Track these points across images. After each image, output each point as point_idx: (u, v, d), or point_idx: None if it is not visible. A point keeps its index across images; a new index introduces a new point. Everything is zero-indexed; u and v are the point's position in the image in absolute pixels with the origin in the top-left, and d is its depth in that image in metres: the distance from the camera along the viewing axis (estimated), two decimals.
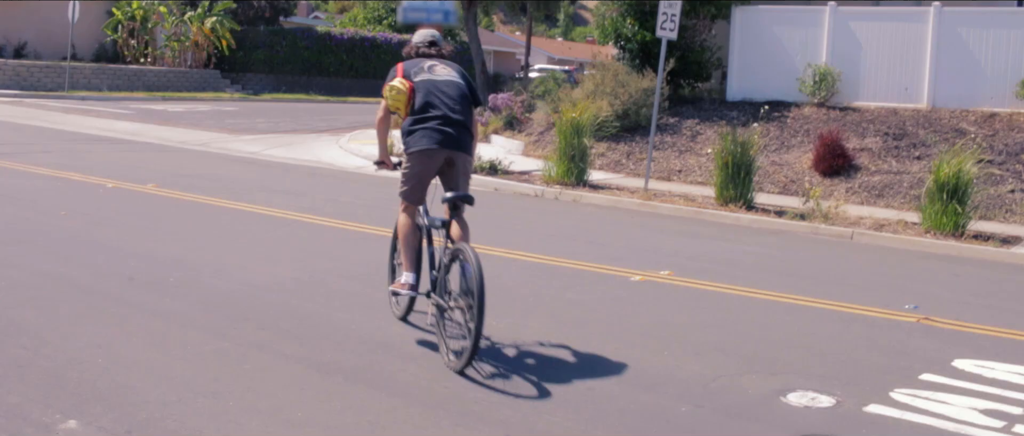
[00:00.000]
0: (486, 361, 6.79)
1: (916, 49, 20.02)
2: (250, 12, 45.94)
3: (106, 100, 34.20)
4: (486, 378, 6.43)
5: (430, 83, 7.24)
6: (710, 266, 11.18)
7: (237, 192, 14.61)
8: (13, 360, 6.27)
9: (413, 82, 7.24)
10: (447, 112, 7.14)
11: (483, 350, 7.02)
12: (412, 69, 7.35)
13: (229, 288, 8.60)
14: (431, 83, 7.24)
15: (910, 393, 6.67)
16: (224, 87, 42.83)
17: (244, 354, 6.69)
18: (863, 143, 18.41)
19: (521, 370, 6.67)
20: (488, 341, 7.27)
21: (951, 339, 8.39)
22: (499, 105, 24.48)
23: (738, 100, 21.68)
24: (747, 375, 6.92)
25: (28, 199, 12.87)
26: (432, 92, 7.19)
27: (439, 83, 7.25)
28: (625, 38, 22.26)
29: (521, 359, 6.94)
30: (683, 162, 19.16)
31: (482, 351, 6.99)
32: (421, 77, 7.28)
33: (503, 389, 6.23)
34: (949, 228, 13.97)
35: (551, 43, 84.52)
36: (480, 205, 14.41)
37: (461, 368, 6.47)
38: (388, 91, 7.22)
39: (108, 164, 17.07)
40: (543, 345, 7.36)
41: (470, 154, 7.30)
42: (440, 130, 7.11)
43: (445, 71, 7.38)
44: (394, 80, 7.26)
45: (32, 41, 38.94)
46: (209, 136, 23.95)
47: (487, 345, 7.18)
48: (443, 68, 7.41)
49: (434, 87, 7.22)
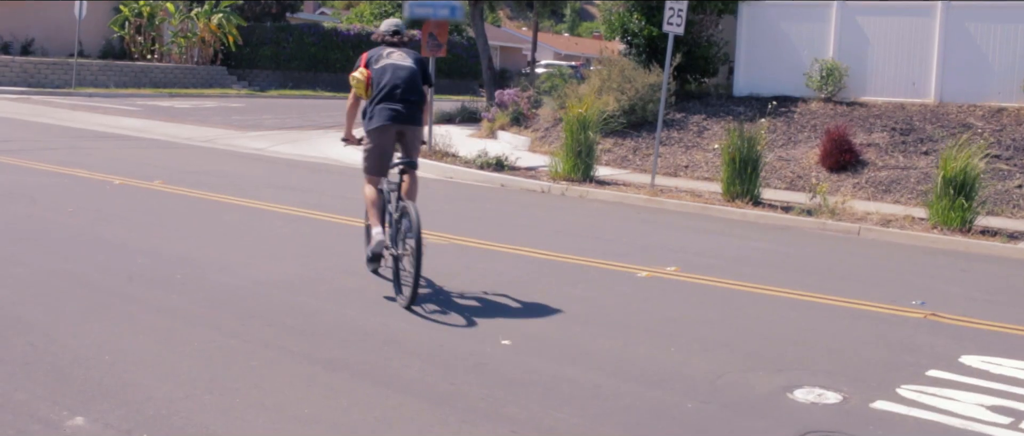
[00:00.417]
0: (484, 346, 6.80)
1: (923, 44, 19.97)
2: (256, 8, 45.98)
3: (113, 97, 34.25)
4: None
5: (386, 68, 8.57)
6: (717, 262, 11.17)
7: (243, 188, 14.62)
8: (20, 357, 6.28)
9: (372, 70, 8.61)
10: (399, 93, 8.46)
11: (492, 352, 7.03)
12: (374, 57, 8.72)
13: (235, 285, 8.61)
14: (387, 68, 8.57)
15: (917, 389, 6.65)
16: (230, 83, 42.86)
17: (251, 351, 6.70)
18: (870, 138, 18.37)
19: (524, 361, 6.68)
20: (491, 334, 7.27)
21: (958, 335, 8.37)
22: (505, 101, 24.48)
23: (745, 95, 21.65)
24: (754, 371, 6.91)
25: (35, 196, 12.89)
26: (387, 77, 8.52)
27: (398, 68, 8.58)
28: (632, 33, 22.23)
29: (525, 353, 6.94)
30: (690, 158, 19.13)
31: (491, 354, 6.99)
32: (380, 64, 8.63)
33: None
34: (956, 223, 13.93)
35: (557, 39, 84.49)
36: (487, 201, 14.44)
37: (408, 304, 7.97)
38: (352, 80, 8.67)
39: (114, 161, 17.09)
40: (544, 342, 7.36)
41: (420, 126, 8.65)
42: (392, 109, 8.44)
43: (401, 57, 8.68)
44: (356, 71, 8.67)
45: (39, 38, 39.00)
46: (215, 132, 23.97)
47: (493, 339, 7.19)
48: (400, 54, 8.71)
49: (390, 72, 8.54)
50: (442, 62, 42.86)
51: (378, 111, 8.46)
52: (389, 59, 8.67)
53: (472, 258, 10.47)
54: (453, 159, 19.04)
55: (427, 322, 7.67)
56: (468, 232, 11.97)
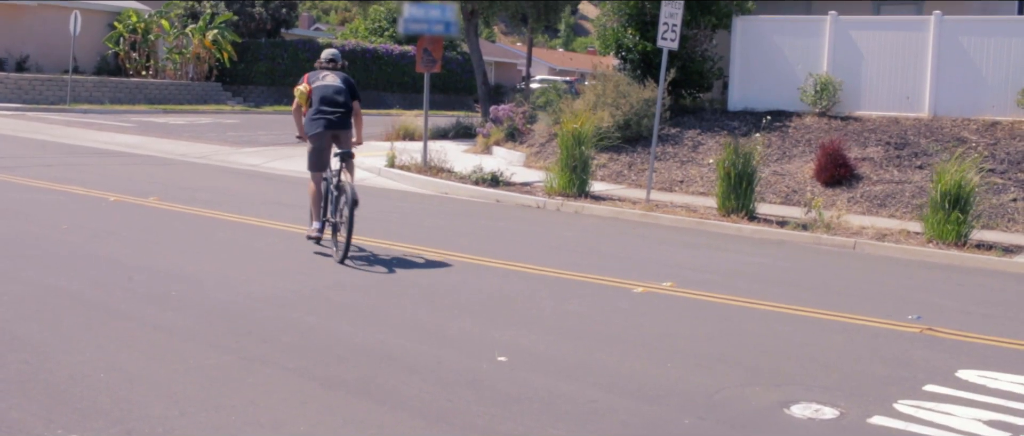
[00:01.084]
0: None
1: (917, 58, 20.00)
2: (251, 24, 45.99)
3: (108, 113, 34.24)
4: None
5: (321, 87, 11.10)
6: (712, 277, 11.17)
7: (238, 205, 14.61)
8: (15, 375, 6.26)
9: (312, 86, 11.08)
10: (331, 107, 11.00)
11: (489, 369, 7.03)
12: (313, 77, 11.26)
13: (231, 301, 8.60)
14: (322, 87, 11.10)
15: (914, 404, 6.65)
16: (225, 99, 42.86)
17: (246, 368, 6.68)
18: (865, 152, 18.40)
19: (521, 377, 6.67)
20: (487, 350, 7.26)
21: (955, 349, 8.37)
22: (500, 117, 24.49)
23: (739, 110, 21.68)
24: (750, 387, 6.90)
25: (30, 213, 12.88)
26: (322, 93, 11.05)
27: (328, 87, 11.10)
28: (626, 48, 22.27)
29: (522, 369, 6.93)
30: (685, 172, 19.15)
31: (487, 370, 6.99)
32: (317, 83, 11.13)
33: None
34: (951, 237, 13.95)
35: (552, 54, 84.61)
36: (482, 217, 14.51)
37: (340, 260, 10.39)
38: (297, 92, 11.15)
39: (110, 177, 17.08)
40: (540, 357, 7.35)
41: (349, 129, 11.16)
42: (326, 118, 10.98)
43: (333, 79, 11.19)
44: (301, 85, 11.17)
45: (34, 54, 38.99)
46: (210, 149, 23.96)
47: (489, 356, 7.18)
48: (333, 76, 11.22)
49: (324, 90, 11.07)
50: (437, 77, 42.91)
51: (316, 120, 11.00)
52: (324, 80, 11.16)
53: (467, 274, 10.47)
54: (448, 175, 19.04)
55: (424, 339, 7.66)
56: (463, 248, 11.96)
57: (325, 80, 11.15)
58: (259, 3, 45.97)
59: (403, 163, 20.05)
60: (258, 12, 45.85)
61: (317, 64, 11.51)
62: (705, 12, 21.57)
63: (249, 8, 45.68)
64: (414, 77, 49.82)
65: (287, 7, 47.72)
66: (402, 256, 11.26)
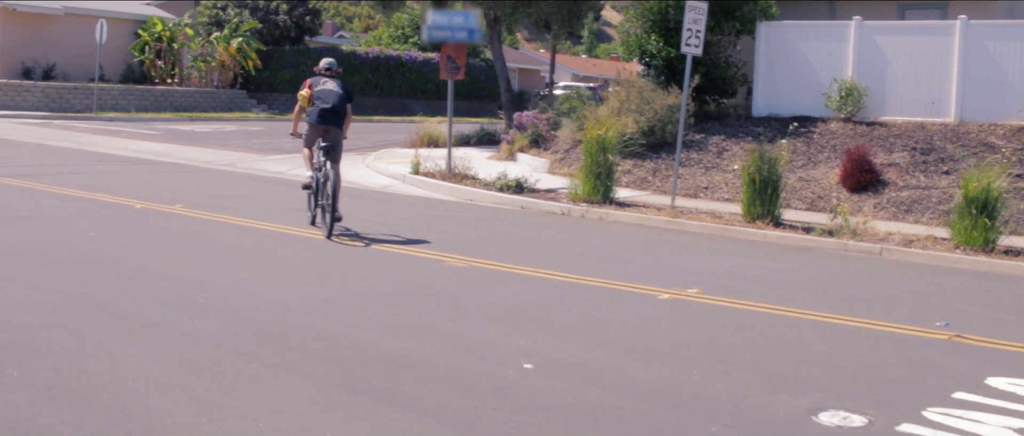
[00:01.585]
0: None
1: (943, 63, 19.89)
2: (276, 32, 46.15)
3: (134, 121, 34.44)
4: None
5: (322, 91, 13.14)
6: (738, 284, 11.13)
7: (264, 212, 14.66)
8: (43, 382, 6.29)
9: (313, 91, 13.18)
10: (326, 106, 12.97)
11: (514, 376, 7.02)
12: (314, 82, 13.31)
13: (257, 308, 8.62)
14: (322, 91, 13.14)
15: (943, 412, 6.60)
16: (250, 107, 43.02)
17: (272, 375, 6.70)
18: (890, 158, 18.31)
19: (547, 385, 6.65)
20: (512, 357, 7.26)
21: (984, 357, 8.31)
22: (524, 123, 24.50)
23: (764, 116, 21.61)
24: (777, 394, 6.87)
25: (58, 221, 12.96)
26: (320, 96, 13.09)
27: (325, 91, 13.13)
28: (650, 55, 22.24)
29: (548, 377, 6.91)
30: (709, 179, 19.11)
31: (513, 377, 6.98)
32: (317, 88, 13.19)
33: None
34: (979, 243, 13.86)
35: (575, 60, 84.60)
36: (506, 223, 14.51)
37: (327, 235, 12.48)
38: (300, 96, 13.32)
39: (136, 185, 17.18)
40: (566, 364, 7.34)
41: (339, 127, 13.10)
42: (320, 115, 12.98)
43: (332, 84, 13.22)
44: (303, 90, 13.29)
45: (61, 63, 39.25)
46: (236, 156, 24.07)
47: (515, 363, 7.17)
48: (331, 83, 13.26)
49: (322, 93, 13.11)
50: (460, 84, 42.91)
51: (313, 114, 13.08)
52: (324, 85, 13.22)
53: (492, 281, 10.47)
54: (472, 182, 19.06)
55: (448, 346, 7.66)
56: (488, 255, 11.97)
57: (325, 85, 13.22)
58: (283, 11, 46.14)
59: (427, 170, 20.08)
60: (282, 20, 46.02)
61: (317, 70, 13.61)
62: (729, 18, 21.53)
63: (273, 16, 45.86)
64: (438, 84, 49.85)
65: (311, 15, 47.85)
66: (427, 263, 11.27)
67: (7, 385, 6.19)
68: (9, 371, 6.45)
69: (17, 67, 38.19)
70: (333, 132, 13.01)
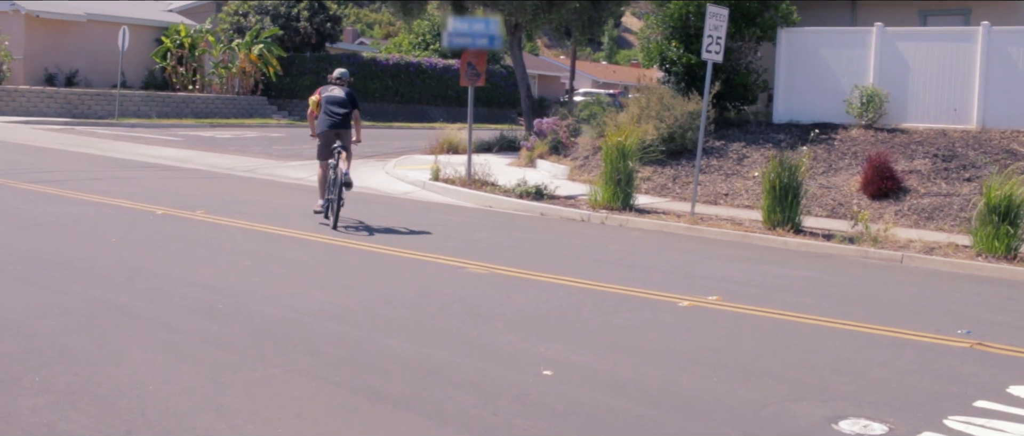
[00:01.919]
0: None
1: (965, 69, 19.80)
2: (296, 38, 46.33)
3: (155, 127, 34.62)
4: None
5: (329, 97, 14.51)
6: (758, 291, 11.10)
7: (284, 218, 14.70)
8: (65, 387, 6.33)
9: (322, 96, 14.52)
10: (335, 111, 14.40)
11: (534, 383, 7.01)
12: (325, 90, 14.67)
13: (278, 314, 8.65)
14: (330, 97, 14.51)
15: (964, 420, 6.56)
16: (271, 113, 43.20)
17: (293, 381, 6.71)
18: (912, 165, 18.23)
19: (566, 392, 6.65)
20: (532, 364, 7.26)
21: (1006, 365, 8.26)
22: (544, 129, 24.51)
23: (784, 122, 21.55)
24: (798, 402, 6.85)
25: (79, 226, 13.03)
26: (329, 102, 14.46)
27: (333, 98, 14.50)
28: (670, 61, 22.21)
29: (567, 384, 6.91)
30: (730, 186, 19.06)
31: (533, 384, 6.97)
32: (326, 94, 14.55)
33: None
34: (1001, 251, 13.78)
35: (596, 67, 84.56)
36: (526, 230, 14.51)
37: (333, 226, 13.71)
38: (311, 101, 14.72)
39: (157, 191, 17.26)
40: (586, 372, 7.33)
41: (348, 129, 14.47)
42: (331, 120, 14.33)
43: (339, 92, 14.56)
44: (314, 96, 14.69)
45: (83, 69, 39.52)
46: (256, 162, 24.16)
47: (535, 370, 7.17)
48: (339, 90, 14.59)
49: (331, 100, 14.48)
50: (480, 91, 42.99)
51: (323, 121, 14.37)
52: (332, 92, 14.55)
53: (512, 287, 10.47)
54: (492, 188, 19.07)
55: (468, 353, 7.67)
56: (508, 261, 11.97)
57: (332, 92, 14.53)
58: (304, 18, 46.31)
59: (447, 176, 20.10)
60: (303, 27, 46.18)
61: (329, 79, 14.87)
62: (749, 24, 21.48)
63: (294, 23, 46.04)
64: (458, 91, 49.95)
65: (332, 21, 48.01)
66: (446, 269, 11.29)
67: (29, 389, 6.23)
68: (31, 376, 6.49)
69: (40, 73, 38.48)
70: (345, 134, 14.40)
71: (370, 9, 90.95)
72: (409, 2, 29.38)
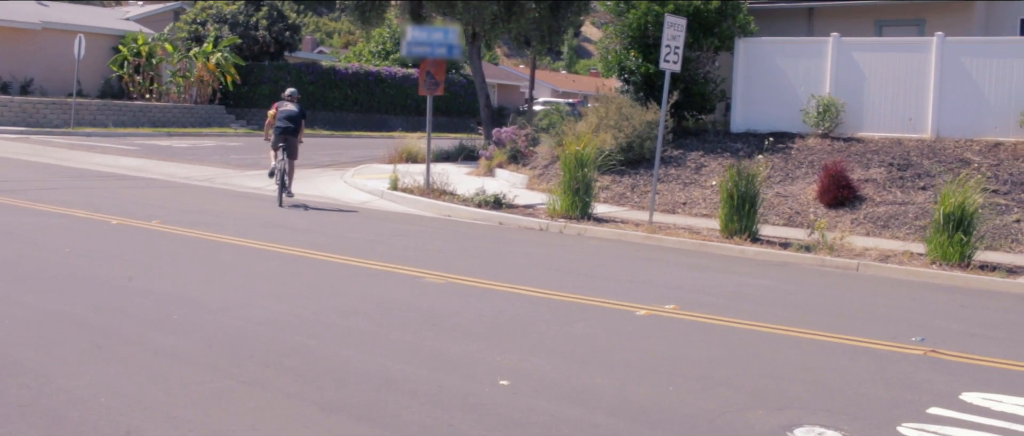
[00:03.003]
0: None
1: (920, 79, 20.02)
2: (255, 47, 46.07)
3: (111, 136, 34.30)
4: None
5: (283, 111, 18.09)
6: (715, 300, 11.14)
7: (241, 229, 14.61)
8: (15, 400, 6.24)
9: (278, 110, 18.11)
10: (286, 124, 18.01)
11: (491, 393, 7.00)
12: (280, 105, 18.19)
13: (232, 325, 8.58)
14: (284, 111, 18.09)
15: (918, 427, 6.62)
16: (229, 122, 42.93)
17: (247, 392, 6.66)
18: (868, 174, 18.39)
19: (523, 402, 6.63)
20: (489, 374, 7.24)
21: (959, 372, 8.34)
22: (503, 139, 24.51)
23: (742, 132, 21.69)
24: (754, 410, 6.87)
25: (32, 236, 12.88)
26: (284, 117, 18.04)
27: (285, 111, 18.09)
28: (629, 71, 22.30)
29: (524, 394, 6.90)
30: (688, 194, 19.15)
31: (489, 394, 6.96)
32: (281, 109, 18.13)
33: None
34: (955, 259, 13.92)
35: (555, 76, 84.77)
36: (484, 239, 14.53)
37: (279, 204, 17.70)
38: (269, 115, 18.29)
39: (113, 201, 17.09)
40: (542, 381, 7.32)
41: (295, 136, 18.11)
42: (282, 129, 17.99)
43: (291, 107, 18.16)
44: (271, 110, 18.29)
45: (38, 78, 39.11)
46: (213, 172, 23.99)
47: (491, 380, 7.15)
48: (291, 105, 18.17)
49: (284, 114, 18.06)
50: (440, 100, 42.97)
51: (277, 130, 18.06)
52: (286, 107, 18.14)
53: (469, 297, 10.45)
54: (451, 197, 19.05)
55: (425, 363, 7.64)
56: (465, 271, 11.95)
57: (287, 107, 18.17)
58: (263, 27, 46.07)
59: (406, 186, 20.06)
60: (262, 35, 45.94)
61: (282, 96, 18.50)
62: (707, 34, 21.61)
63: (253, 31, 45.79)
64: (417, 100, 49.89)
65: (291, 30, 47.78)
66: (404, 279, 11.25)
67: None
68: None
69: None
70: (292, 140, 18.11)
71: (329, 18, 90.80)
72: (368, 10, 29.29)
